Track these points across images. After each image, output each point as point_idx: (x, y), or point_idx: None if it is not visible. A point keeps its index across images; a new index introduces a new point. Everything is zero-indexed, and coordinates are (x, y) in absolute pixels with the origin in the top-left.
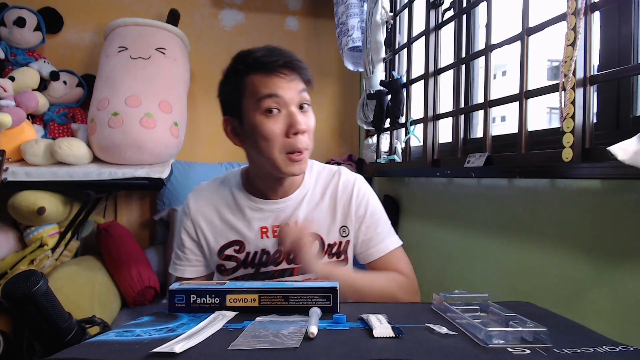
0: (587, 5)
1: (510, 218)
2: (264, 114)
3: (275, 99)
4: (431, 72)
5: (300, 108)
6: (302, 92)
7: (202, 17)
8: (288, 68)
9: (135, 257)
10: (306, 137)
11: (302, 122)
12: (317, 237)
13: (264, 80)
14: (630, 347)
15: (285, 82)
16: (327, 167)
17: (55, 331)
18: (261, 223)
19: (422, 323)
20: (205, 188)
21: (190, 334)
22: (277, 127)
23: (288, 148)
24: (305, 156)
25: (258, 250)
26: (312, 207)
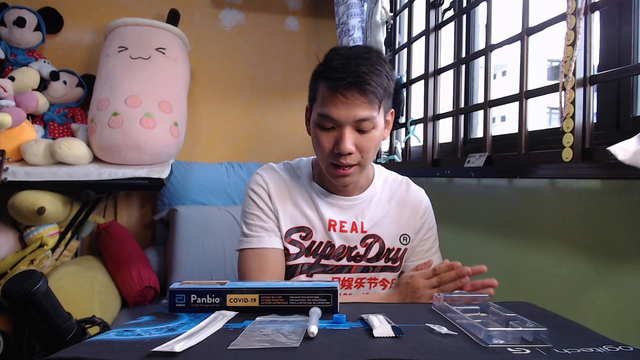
0: (587, 5)
1: (510, 218)
2: (319, 127)
3: (329, 119)
4: (431, 72)
5: (359, 131)
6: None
7: (202, 17)
8: (352, 91)
9: (135, 257)
10: (355, 156)
11: (347, 146)
12: (379, 239)
13: (326, 96)
14: (630, 347)
15: (343, 105)
16: (392, 174)
17: (55, 331)
18: (330, 216)
19: (422, 323)
20: (279, 169)
21: (191, 334)
22: (326, 140)
23: (332, 161)
24: (352, 171)
25: (324, 241)
26: (380, 210)
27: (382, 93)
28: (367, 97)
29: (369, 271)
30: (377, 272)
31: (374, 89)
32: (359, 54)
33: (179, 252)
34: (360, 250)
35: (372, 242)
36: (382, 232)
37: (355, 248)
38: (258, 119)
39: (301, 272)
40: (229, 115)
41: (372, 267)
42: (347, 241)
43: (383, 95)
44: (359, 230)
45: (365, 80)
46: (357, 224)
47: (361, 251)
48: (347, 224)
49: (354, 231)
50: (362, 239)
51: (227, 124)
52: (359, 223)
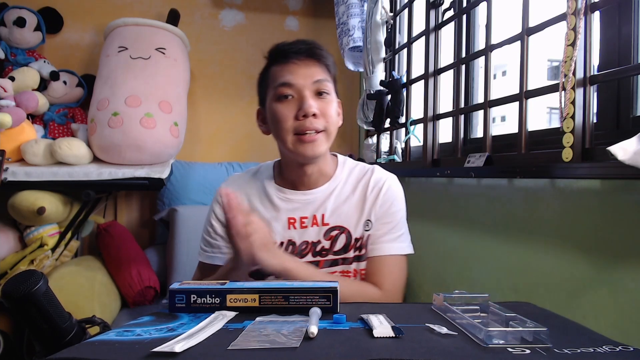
0: (587, 5)
1: (510, 218)
2: (279, 101)
3: (288, 86)
4: (431, 72)
5: (319, 95)
6: (318, 80)
7: (202, 17)
8: (304, 55)
9: (135, 257)
10: (320, 120)
11: (312, 106)
12: (345, 230)
13: (281, 69)
14: (630, 347)
15: (299, 68)
16: (360, 164)
17: (55, 331)
18: (289, 214)
19: (422, 323)
20: (238, 178)
21: (191, 334)
22: (288, 110)
23: (297, 129)
24: (318, 138)
25: (284, 240)
26: (342, 201)
27: (331, 65)
28: (319, 61)
29: (338, 264)
30: (348, 265)
31: (324, 54)
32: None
33: (179, 252)
34: (324, 244)
35: (337, 235)
36: (347, 222)
37: (319, 242)
38: None
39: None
40: (229, 115)
41: (341, 260)
42: (309, 236)
43: (332, 68)
44: (320, 223)
45: (316, 46)
46: (317, 217)
47: (326, 245)
48: (307, 219)
49: (314, 225)
50: (325, 232)
51: (227, 124)
52: (319, 216)
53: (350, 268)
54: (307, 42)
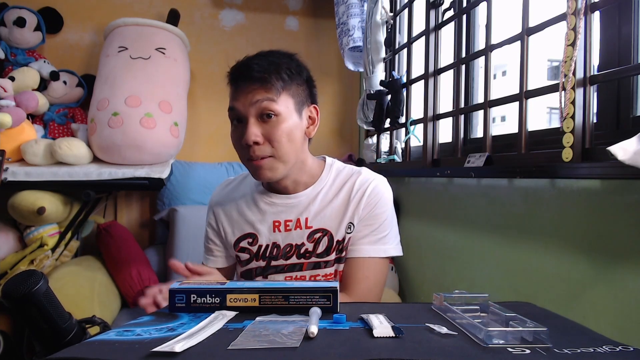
0: (587, 5)
1: (510, 218)
2: (232, 125)
3: (232, 111)
4: (431, 72)
5: (265, 117)
6: (258, 100)
7: (202, 17)
8: (245, 79)
9: (135, 257)
10: (264, 147)
11: (250, 135)
12: (327, 233)
13: (230, 95)
14: (630, 347)
15: (242, 94)
16: (348, 167)
17: (55, 331)
18: (274, 217)
19: (422, 323)
20: (229, 183)
21: (191, 334)
22: (236, 137)
23: (245, 156)
24: (265, 164)
25: (270, 243)
26: (325, 204)
27: (282, 80)
28: (262, 83)
29: (321, 267)
30: (330, 267)
31: (267, 75)
32: (259, 54)
33: (179, 252)
34: (308, 247)
35: (320, 237)
36: (329, 225)
37: (303, 245)
38: None
39: (256, 275)
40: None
41: (324, 263)
42: (293, 239)
43: (287, 81)
44: (303, 226)
45: (254, 68)
46: (301, 220)
47: (309, 247)
48: (291, 222)
49: (298, 228)
50: (309, 234)
51: (227, 124)
52: (303, 219)
53: (332, 270)
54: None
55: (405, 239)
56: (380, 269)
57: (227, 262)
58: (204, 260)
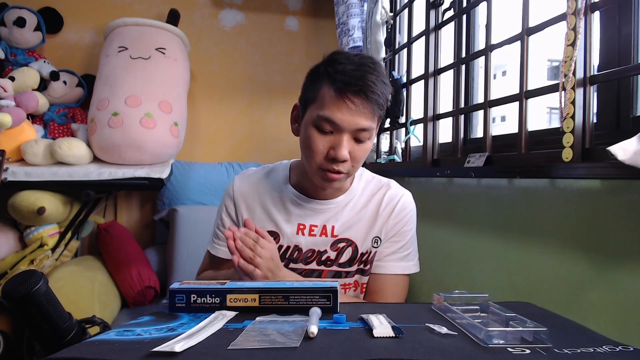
0: (587, 5)
1: (510, 218)
2: (316, 129)
3: (331, 124)
4: (431, 72)
5: (357, 140)
6: (362, 128)
7: (202, 17)
8: (360, 98)
9: (135, 257)
10: (347, 164)
11: (345, 153)
12: (352, 244)
13: (331, 99)
14: (630, 347)
15: (349, 111)
16: (376, 178)
17: (55, 331)
18: (300, 220)
19: (422, 323)
20: (253, 174)
21: (191, 334)
22: (322, 144)
23: (323, 166)
24: (341, 178)
25: (291, 245)
26: (354, 215)
27: (383, 105)
28: (372, 107)
29: (341, 276)
30: (351, 277)
31: (379, 99)
32: (367, 63)
33: (179, 252)
34: (330, 255)
35: (344, 247)
36: (355, 236)
37: (325, 252)
38: (258, 119)
39: None
40: (229, 115)
41: (344, 273)
42: (316, 245)
43: (383, 107)
44: (329, 234)
45: (374, 89)
46: (327, 228)
47: (332, 255)
48: (317, 228)
49: (323, 235)
50: (333, 243)
51: (227, 124)
52: (329, 227)
53: (351, 280)
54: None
55: None
56: (405, 286)
57: None
58: (210, 247)
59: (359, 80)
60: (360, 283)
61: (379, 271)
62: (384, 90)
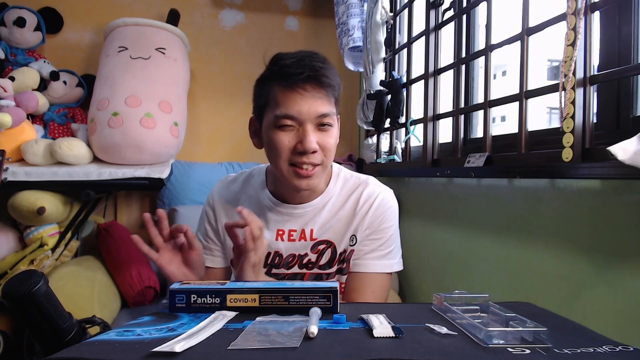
0: (587, 5)
1: (510, 218)
2: (278, 129)
3: (291, 119)
4: (431, 72)
5: (321, 126)
6: (323, 114)
7: (202, 17)
8: (311, 84)
9: (135, 257)
10: (318, 155)
11: (312, 142)
12: (332, 245)
13: (284, 95)
14: (630, 347)
15: (304, 99)
16: (355, 176)
17: (55, 331)
18: (278, 225)
19: (422, 323)
20: (232, 181)
21: (191, 334)
22: (287, 140)
23: (293, 161)
24: (317, 171)
25: (272, 251)
26: (332, 216)
27: (336, 90)
28: (325, 91)
29: (323, 278)
30: (332, 278)
31: (330, 82)
32: (308, 54)
33: None
34: (311, 257)
35: (324, 249)
36: (334, 237)
37: (306, 255)
38: None
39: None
40: (229, 115)
41: (325, 275)
42: (296, 249)
43: (337, 93)
44: (308, 238)
45: (322, 73)
46: (306, 232)
47: (312, 258)
48: (296, 233)
49: (302, 239)
50: (313, 245)
51: (227, 124)
52: (308, 230)
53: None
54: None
55: (405, 239)
56: (385, 284)
57: (224, 263)
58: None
59: (305, 69)
60: (341, 283)
61: (359, 270)
62: (333, 74)
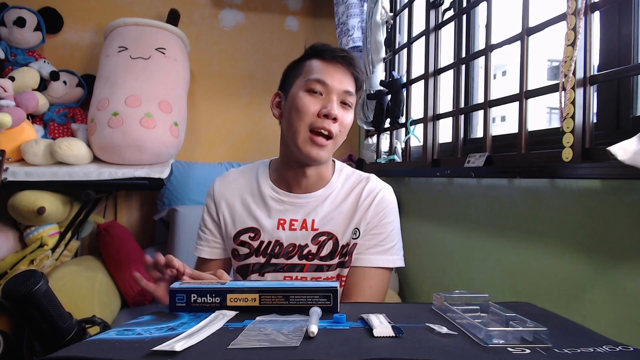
0: (587, 5)
1: (510, 218)
2: (307, 92)
3: (322, 84)
4: (431, 72)
5: (343, 104)
6: (348, 91)
7: (202, 17)
8: (344, 63)
9: (135, 257)
10: (337, 125)
11: (336, 111)
12: (333, 237)
13: (320, 66)
14: (630, 347)
15: (337, 72)
16: (356, 172)
17: (55, 331)
18: (280, 215)
19: (422, 323)
20: (233, 173)
21: (191, 333)
22: (313, 104)
23: (314, 125)
24: (329, 145)
25: (272, 240)
26: (334, 208)
27: (359, 81)
28: (353, 74)
29: (323, 270)
30: (333, 271)
31: (358, 69)
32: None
33: (179, 252)
34: (312, 249)
35: (324, 240)
36: (335, 229)
37: (307, 246)
38: (258, 119)
39: (252, 271)
40: (229, 115)
41: (326, 266)
42: (297, 239)
43: (359, 84)
44: (309, 228)
45: (355, 63)
46: (307, 222)
47: (313, 249)
48: (297, 222)
49: (303, 229)
50: (313, 236)
51: (227, 124)
52: (309, 221)
53: (333, 273)
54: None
55: (406, 239)
56: (385, 280)
57: (224, 254)
58: (196, 252)
59: (343, 52)
60: (342, 276)
61: (358, 264)
62: (360, 67)
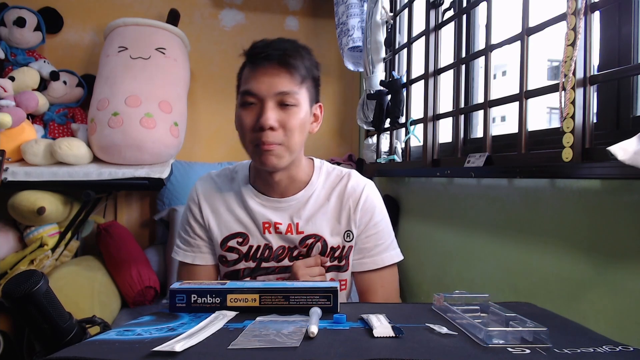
0: (587, 5)
1: (510, 218)
2: (242, 107)
3: (252, 95)
4: (431, 72)
5: (282, 105)
6: (282, 92)
7: (202, 17)
8: (274, 62)
9: (135, 257)
10: (277, 133)
11: (269, 119)
12: (320, 239)
13: (249, 74)
14: (630, 347)
15: (265, 75)
16: (337, 169)
17: (55, 331)
18: (264, 218)
19: (422, 323)
20: (214, 177)
21: (191, 333)
22: (249, 119)
23: (254, 141)
24: (277, 150)
25: (261, 244)
26: (317, 209)
27: (304, 72)
28: (288, 70)
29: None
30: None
31: (295, 62)
32: (280, 39)
33: None
34: (301, 251)
35: (313, 243)
36: (321, 230)
37: (296, 248)
38: None
39: (243, 276)
40: (229, 115)
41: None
42: (285, 242)
43: (306, 75)
44: (294, 231)
45: (286, 53)
46: (292, 226)
47: (302, 251)
48: (282, 225)
49: (289, 232)
50: (301, 240)
51: (227, 124)
52: (294, 225)
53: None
54: (283, 45)
55: (406, 239)
56: (394, 276)
57: (214, 260)
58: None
59: (268, 48)
60: (337, 280)
61: (365, 268)
62: (301, 55)
